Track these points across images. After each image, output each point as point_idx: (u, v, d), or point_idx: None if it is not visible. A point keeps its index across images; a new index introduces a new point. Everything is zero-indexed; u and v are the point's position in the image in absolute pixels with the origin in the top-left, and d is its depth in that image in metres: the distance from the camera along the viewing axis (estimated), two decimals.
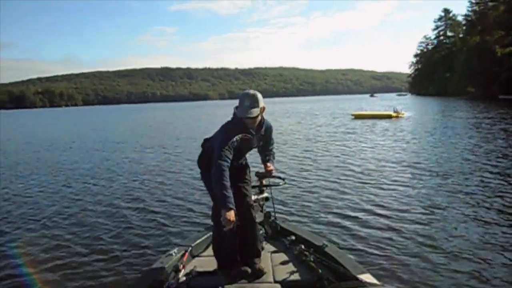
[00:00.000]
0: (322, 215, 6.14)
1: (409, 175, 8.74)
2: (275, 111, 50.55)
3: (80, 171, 11.36)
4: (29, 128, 37.01)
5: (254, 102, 2.96)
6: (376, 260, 4.36)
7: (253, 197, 3.99)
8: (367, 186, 7.87)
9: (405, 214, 5.96)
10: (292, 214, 6.26)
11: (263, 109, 3.04)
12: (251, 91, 3.02)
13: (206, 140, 3.32)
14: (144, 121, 40.88)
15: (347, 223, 5.69)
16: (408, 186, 7.77)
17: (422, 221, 5.64)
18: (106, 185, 9.30)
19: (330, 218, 5.97)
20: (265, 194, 4.08)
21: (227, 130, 3.05)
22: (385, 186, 7.80)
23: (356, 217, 5.93)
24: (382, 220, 5.75)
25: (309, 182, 8.50)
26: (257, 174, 4.16)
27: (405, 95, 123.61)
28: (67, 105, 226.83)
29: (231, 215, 2.75)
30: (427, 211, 6.07)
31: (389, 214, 5.99)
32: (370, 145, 14.30)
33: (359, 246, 4.78)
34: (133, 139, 20.48)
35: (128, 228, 5.95)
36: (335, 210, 6.34)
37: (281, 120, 31.89)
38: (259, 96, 3.01)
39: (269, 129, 3.32)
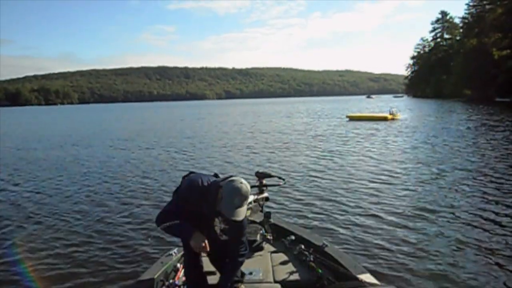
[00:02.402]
0: (323, 215, 6.14)
1: (408, 177, 8.76)
2: (274, 112, 50.58)
3: (85, 169, 11.29)
4: (27, 126, 36.79)
5: (244, 201, 2.46)
6: (376, 260, 4.36)
7: (253, 197, 3.99)
8: (366, 187, 7.89)
9: (406, 215, 5.97)
10: (292, 214, 6.26)
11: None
12: (244, 187, 2.46)
13: (189, 173, 2.89)
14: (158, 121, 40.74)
15: (346, 223, 5.69)
16: (408, 187, 7.78)
17: (422, 221, 5.65)
18: (111, 182, 9.32)
19: (330, 218, 5.97)
20: (265, 194, 4.07)
21: (182, 198, 2.66)
22: (385, 187, 7.81)
23: (356, 217, 5.93)
24: (382, 220, 5.76)
25: (309, 183, 8.51)
26: (257, 173, 4.16)
27: (402, 97, 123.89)
28: (62, 103, 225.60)
29: (197, 237, 2.53)
30: (427, 212, 6.08)
31: (389, 215, 6.00)
32: (367, 147, 14.33)
33: (359, 246, 4.79)
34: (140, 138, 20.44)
35: (132, 227, 5.92)
36: (335, 210, 6.34)
37: (281, 120, 31.92)
38: (249, 191, 2.52)
39: (240, 221, 2.57)
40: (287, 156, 12.58)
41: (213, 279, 3.07)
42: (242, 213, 2.47)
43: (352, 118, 30.11)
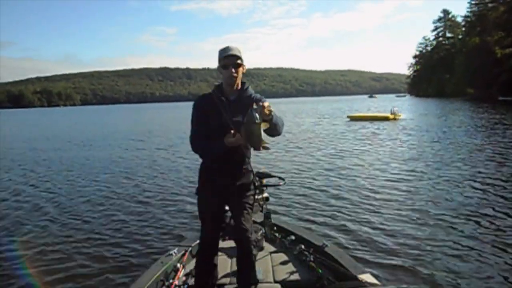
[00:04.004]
0: (322, 215, 6.13)
1: (409, 177, 8.72)
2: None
3: (86, 170, 11.31)
4: (31, 127, 36.90)
5: (237, 51, 2.68)
6: (376, 260, 4.35)
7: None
8: (366, 187, 7.86)
9: (406, 215, 5.94)
10: (292, 214, 6.25)
11: (244, 67, 2.73)
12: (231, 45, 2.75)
13: None
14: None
15: (347, 223, 5.68)
16: (408, 188, 7.75)
17: (422, 222, 5.63)
18: (113, 182, 9.28)
19: (330, 218, 5.95)
20: (265, 194, 4.06)
21: (199, 113, 2.77)
22: (385, 188, 7.79)
23: (356, 217, 5.91)
24: (382, 220, 5.74)
25: (309, 183, 8.49)
26: (257, 174, 4.16)
27: (404, 96, 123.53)
28: (65, 105, 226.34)
29: (229, 137, 2.57)
30: (427, 212, 6.06)
31: (389, 215, 5.98)
32: (367, 147, 14.30)
33: (359, 246, 4.78)
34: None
35: (133, 229, 5.90)
36: (335, 210, 6.33)
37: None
38: (238, 48, 2.72)
39: (256, 99, 2.70)
40: (287, 156, 12.56)
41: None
42: (238, 52, 2.67)
43: (353, 118, 29.87)
